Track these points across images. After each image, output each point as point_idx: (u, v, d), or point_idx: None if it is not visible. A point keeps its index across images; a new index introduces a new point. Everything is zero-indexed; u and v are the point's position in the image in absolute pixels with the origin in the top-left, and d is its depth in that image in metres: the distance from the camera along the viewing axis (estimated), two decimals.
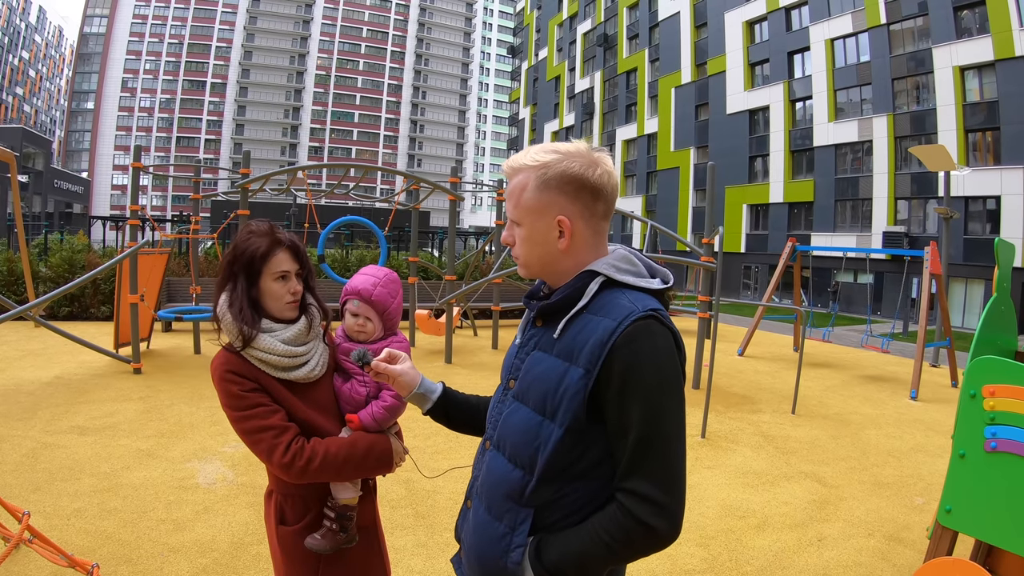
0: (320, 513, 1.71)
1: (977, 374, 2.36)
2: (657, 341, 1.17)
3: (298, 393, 1.66)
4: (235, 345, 1.61)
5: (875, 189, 25.02)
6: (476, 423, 1.56)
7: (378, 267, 1.87)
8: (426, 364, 8.70)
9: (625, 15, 40.70)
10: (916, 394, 8.30)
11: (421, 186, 10.18)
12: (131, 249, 7.37)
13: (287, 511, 1.70)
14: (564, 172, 1.24)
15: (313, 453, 1.57)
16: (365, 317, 1.79)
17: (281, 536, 1.70)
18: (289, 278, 1.66)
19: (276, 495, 1.72)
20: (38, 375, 6.92)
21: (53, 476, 4.14)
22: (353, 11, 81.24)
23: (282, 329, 1.65)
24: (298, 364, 1.66)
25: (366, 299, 1.77)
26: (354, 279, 1.82)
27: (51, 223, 20.45)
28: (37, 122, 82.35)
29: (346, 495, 1.71)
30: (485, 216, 70.39)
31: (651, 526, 1.12)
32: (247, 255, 1.62)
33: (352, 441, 1.66)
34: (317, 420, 1.67)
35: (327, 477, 1.62)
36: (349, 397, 1.76)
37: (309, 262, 1.75)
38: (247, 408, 1.57)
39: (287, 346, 1.64)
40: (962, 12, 22.42)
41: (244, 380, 1.59)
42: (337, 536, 1.68)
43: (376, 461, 1.69)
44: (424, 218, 25.80)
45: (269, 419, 1.57)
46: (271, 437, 1.55)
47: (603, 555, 1.16)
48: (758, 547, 3.70)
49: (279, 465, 1.54)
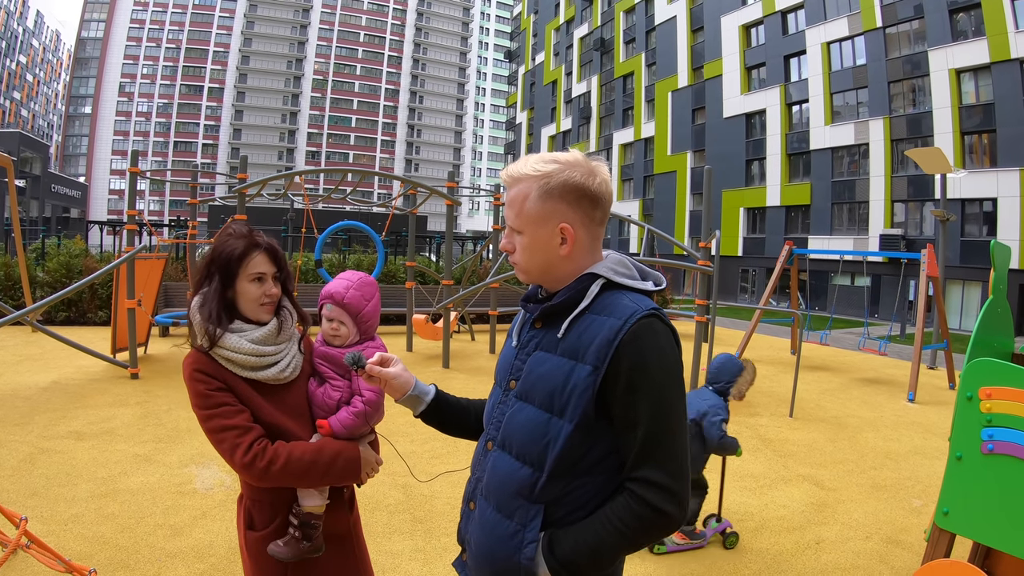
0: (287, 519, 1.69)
1: (974, 376, 2.37)
2: (661, 339, 1.24)
3: (266, 395, 1.65)
4: (202, 345, 1.61)
5: (872, 192, 25.08)
6: (469, 426, 1.58)
7: (355, 271, 1.87)
8: (424, 369, 8.69)
9: (622, 19, 40.81)
10: (913, 396, 8.31)
11: (418, 190, 10.18)
12: (128, 254, 7.36)
13: (255, 516, 1.68)
14: (566, 182, 1.28)
15: (275, 455, 1.54)
16: (339, 321, 1.78)
17: (249, 541, 1.68)
18: (265, 280, 1.66)
19: (246, 499, 1.70)
20: (35, 380, 6.90)
21: (50, 481, 4.13)
22: (350, 16, 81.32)
23: (252, 329, 1.65)
24: (266, 364, 1.65)
25: (339, 302, 1.77)
26: (329, 283, 1.82)
27: (48, 228, 20.39)
28: (34, 126, 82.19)
29: (311, 503, 1.67)
30: (482, 220, 70.44)
31: (664, 511, 1.19)
32: (224, 256, 1.62)
33: (319, 447, 1.62)
34: (285, 424, 1.64)
35: (290, 482, 1.59)
36: (322, 402, 1.74)
37: (287, 266, 1.75)
38: (212, 407, 1.57)
39: (254, 345, 1.63)
40: (958, 15, 22.53)
41: (211, 379, 1.59)
42: (300, 544, 1.64)
43: (342, 470, 1.64)
44: (421, 222, 25.78)
45: (233, 419, 1.56)
46: (233, 436, 1.54)
47: (617, 543, 1.21)
48: (756, 550, 3.70)
49: (240, 465, 1.53)
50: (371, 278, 1.87)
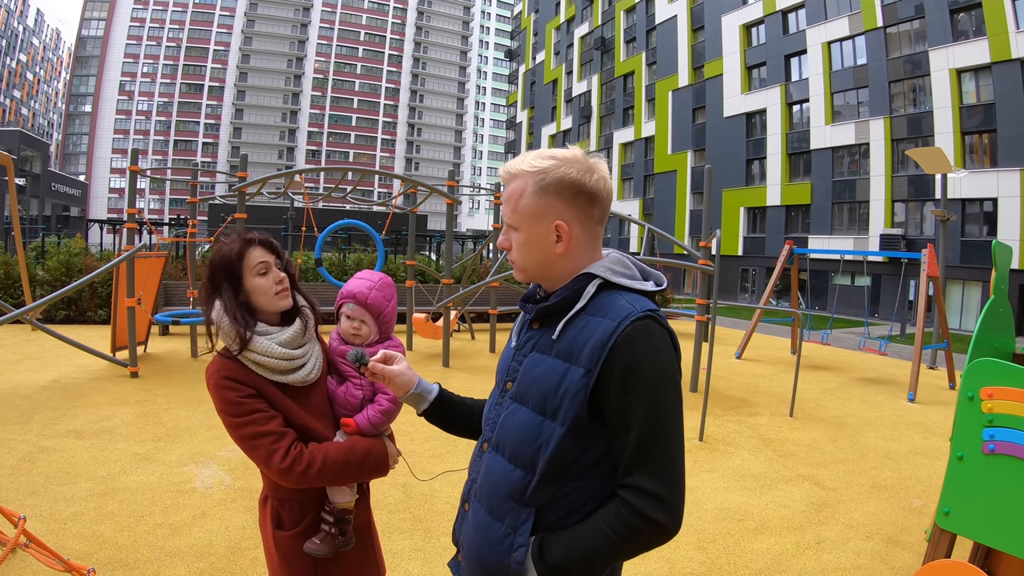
0: (317, 517, 1.71)
1: (975, 376, 2.36)
2: (656, 341, 1.21)
3: (294, 397, 1.66)
4: (232, 348, 1.60)
5: (872, 192, 25.08)
6: (472, 425, 1.57)
7: (373, 271, 1.89)
8: (424, 368, 8.68)
9: (622, 18, 40.80)
10: (914, 396, 8.30)
11: (418, 189, 10.18)
12: (128, 252, 7.36)
13: (283, 516, 1.70)
14: (562, 178, 1.26)
15: (312, 458, 1.57)
16: (360, 320, 1.80)
17: (278, 541, 1.69)
18: (270, 269, 1.66)
19: (272, 500, 1.71)
20: (35, 378, 6.90)
21: (50, 480, 4.13)
22: (351, 15, 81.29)
23: (278, 332, 1.66)
24: (295, 367, 1.66)
25: (362, 303, 1.79)
26: (350, 283, 1.83)
27: (48, 226, 20.41)
28: (35, 125, 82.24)
29: (343, 499, 1.71)
30: (483, 219, 70.47)
31: (655, 520, 1.15)
32: (224, 261, 1.63)
33: (349, 446, 1.66)
34: (313, 424, 1.66)
35: (325, 482, 1.62)
36: (344, 401, 1.77)
37: (286, 255, 1.74)
38: (245, 414, 1.56)
39: (284, 348, 1.64)
40: (958, 15, 22.52)
41: (241, 386, 1.58)
42: (336, 540, 1.69)
43: (373, 465, 1.69)
44: (422, 221, 25.79)
45: (267, 424, 1.56)
46: (269, 443, 1.55)
47: (607, 551, 1.18)
48: (756, 550, 3.69)
49: (278, 471, 1.54)
50: (389, 279, 1.89)
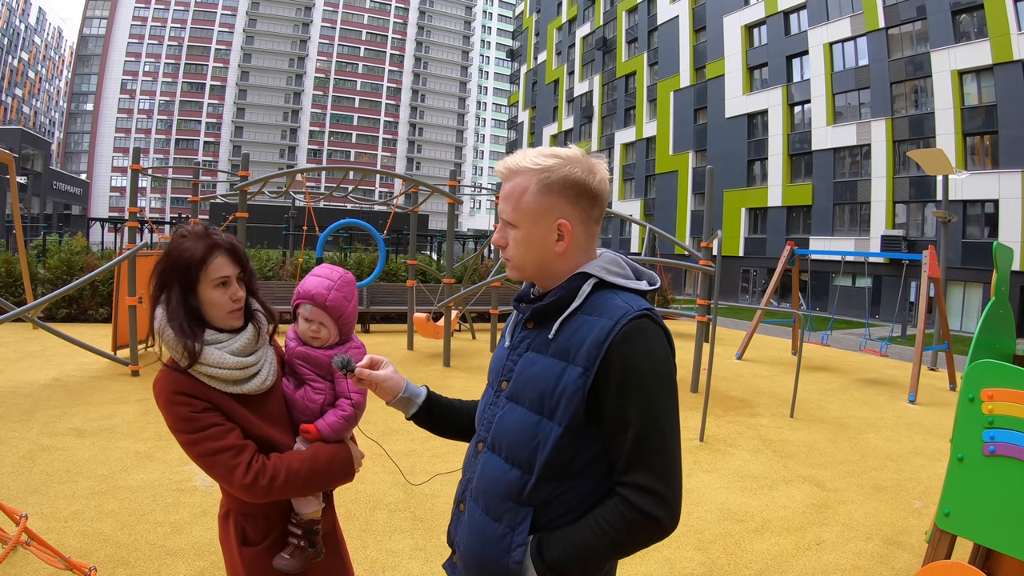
0: (284, 530, 1.62)
1: (976, 378, 2.36)
2: (652, 339, 1.21)
3: (250, 407, 1.55)
4: (181, 363, 1.47)
5: (873, 193, 25.05)
6: (461, 427, 1.55)
7: (333, 267, 1.74)
8: (424, 368, 8.69)
9: (624, 19, 40.78)
10: (914, 398, 8.30)
11: (420, 189, 10.18)
12: (130, 251, 7.37)
13: (249, 531, 1.60)
14: (567, 177, 1.25)
15: (275, 471, 1.48)
16: (319, 323, 1.68)
17: (245, 557, 1.59)
18: (230, 284, 1.53)
19: (235, 515, 1.61)
20: (36, 377, 6.91)
21: (51, 478, 4.13)
22: (352, 14, 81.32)
23: (228, 340, 1.53)
24: (249, 376, 1.55)
25: (320, 304, 1.66)
26: (307, 281, 1.69)
27: (50, 225, 20.41)
28: (36, 123, 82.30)
29: (310, 509, 1.63)
30: (484, 219, 70.43)
31: (654, 516, 1.16)
32: (182, 262, 1.47)
33: (313, 454, 1.57)
34: (272, 434, 1.56)
35: (291, 494, 1.54)
36: (303, 406, 1.66)
37: (250, 264, 1.61)
38: (200, 430, 1.45)
39: (237, 357, 1.52)
40: (960, 16, 22.49)
41: (195, 400, 1.46)
42: (306, 552, 1.61)
43: (339, 472, 1.61)
44: (423, 221, 25.79)
45: (224, 439, 1.45)
46: (229, 458, 1.44)
47: (606, 548, 1.19)
48: (756, 551, 3.69)
49: (240, 486, 1.45)
50: (350, 275, 1.76)
